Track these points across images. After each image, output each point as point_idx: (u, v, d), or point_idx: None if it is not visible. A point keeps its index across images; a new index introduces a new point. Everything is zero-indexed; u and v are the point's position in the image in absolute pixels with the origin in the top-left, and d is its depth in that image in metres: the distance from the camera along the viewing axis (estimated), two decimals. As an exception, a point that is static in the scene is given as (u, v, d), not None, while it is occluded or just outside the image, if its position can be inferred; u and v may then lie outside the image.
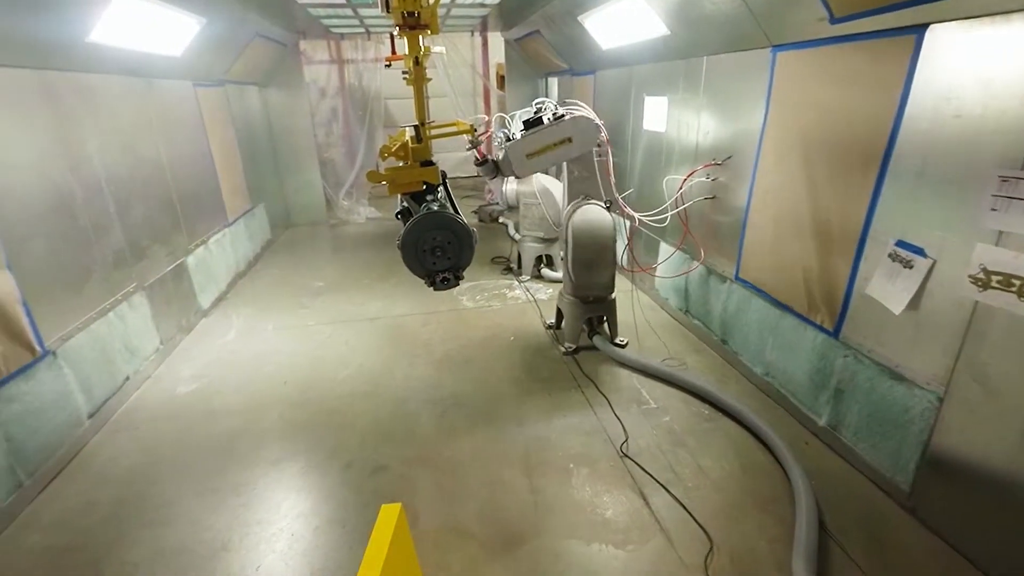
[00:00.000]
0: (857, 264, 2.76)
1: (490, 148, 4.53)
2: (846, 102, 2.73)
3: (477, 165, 3.85)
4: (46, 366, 3.07)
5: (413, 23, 2.86)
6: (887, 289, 2.56)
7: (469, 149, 3.94)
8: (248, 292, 5.87)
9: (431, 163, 3.12)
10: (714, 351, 4.20)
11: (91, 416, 3.41)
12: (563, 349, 4.28)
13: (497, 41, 9.57)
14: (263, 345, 4.61)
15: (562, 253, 4.37)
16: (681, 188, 4.16)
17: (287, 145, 8.34)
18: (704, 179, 4.06)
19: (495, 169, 3.92)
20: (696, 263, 4.29)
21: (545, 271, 5.90)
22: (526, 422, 3.42)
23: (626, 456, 3.06)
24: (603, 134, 3.90)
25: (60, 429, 3.13)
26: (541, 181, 5.56)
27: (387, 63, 6.54)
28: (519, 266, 6.14)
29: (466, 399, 3.69)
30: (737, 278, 3.83)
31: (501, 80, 10.29)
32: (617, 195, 4.12)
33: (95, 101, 3.74)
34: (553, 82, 8.63)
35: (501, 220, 8.30)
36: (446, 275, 2.97)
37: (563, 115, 3.81)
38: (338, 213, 9.07)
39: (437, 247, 2.89)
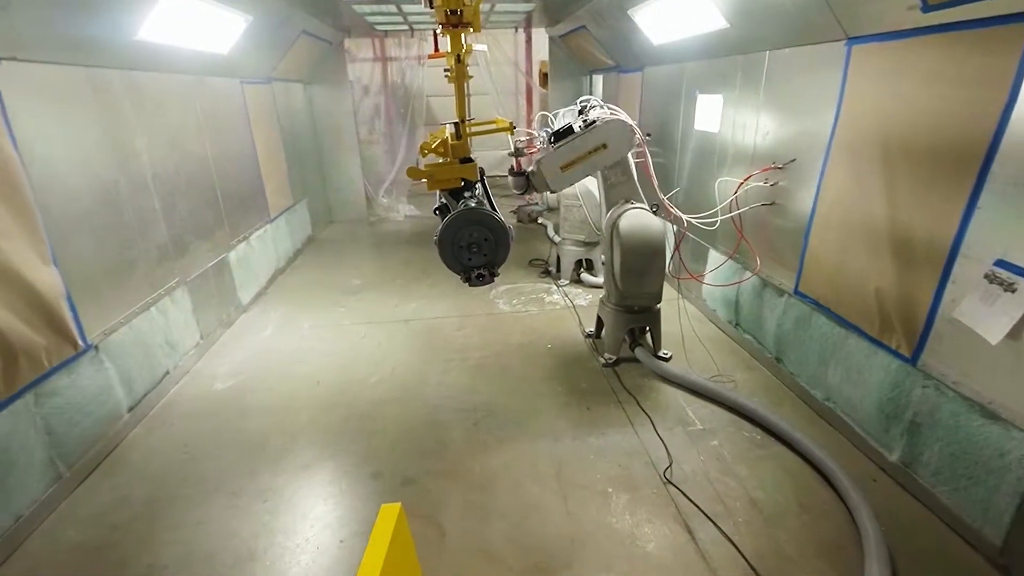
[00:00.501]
0: (944, 284, 2.44)
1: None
2: (937, 102, 2.41)
3: (512, 175, 3.65)
4: (88, 360, 3.10)
5: (456, 21, 2.87)
6: (982, 314, 2.24)
7: (511, 155, 3.87)
8: (287, 288, 5.91)
9: (470, 160, 3.12)
10: (767, 369, 3.90)
11: (131, 410, 3.45)
12: (603, 360, 4.08)
13: (541, 38, 9.38)
14: (298, 343, 4.60)
15: (603, 258, 4.16)
16: (736, 192, 3.88)
17: (330, 142, 8.42)
18: (762, 183, 3.76)
19: (527, 184, 3.72)
20: (750, 273, 4.00)
21: (585, 276, 5.69)
22: (562, 437, 3.24)
23: (670, 483, 2.84)
24: (638, 135, 3.67)
25: (100, 423, 3.16)
26: (583, 182, 5.34)
27: (429, 59, 6.45)
28: (558, 269, 5.95)
29: (500, 410, 3.54)
30: (796, 292, 3.52)
31: (544, 78, 10.09)
32: (662, 196, 3.87)
33: (143, 98, 3.78)
34: (598, 80, 8.36)
35: (540, 221, 8.12)
36: (481, 272, 2.95)
37: (594, 121, 3.60)
38: (377, 210, 9.11)
39: (473, 243, 2.88)
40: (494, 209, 3.00)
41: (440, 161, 3.13)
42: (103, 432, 3.19)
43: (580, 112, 4.03)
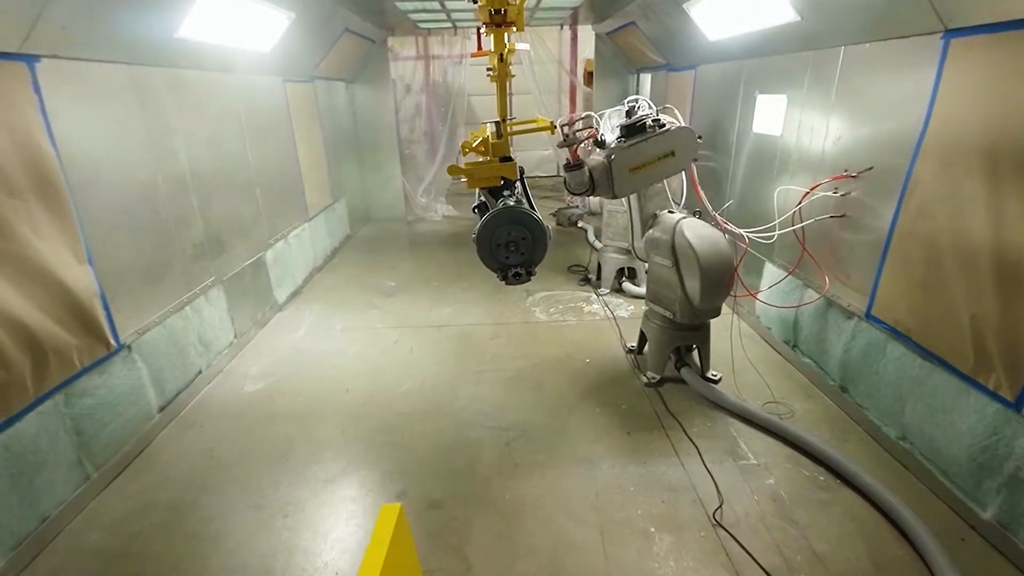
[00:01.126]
0: (1062, 319, 2.07)
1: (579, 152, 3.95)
2: (1062, 103, 2.05)
3: (568, 170, 3.29)
4: (120, 360, 3.08)
5: (500, 20, 2.89)
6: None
7: (562, 146, 3.45)
8: (322, 288, 5.88)
9: (510, 159, 3.11)
10: (829, 398, 3.53)
11: (162, 410, 3.42)
12: (645, 379, 3.80)
13: (586, 36, 9.10)
14: (330, 344, 4.53)
15: (646, 268, 3.88)
16: (801, 202, 3.53)
17: (370, 141, 8.41)
18: (831, 193, 3.40)
19: (589, 183, 3.31)
20: (815, 293, 3.63)
21: (627, 285, 5.40)
22: (600, 465, 3.00)
23: (720, 525, 2.56)
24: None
25: (130, 423, 3.14)
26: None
27: (471, 57, 6.31)
28: (598, 277, 5.68)
29: (534, 430, 3.33)
30: (869, 316, 3.16)
31: (589, 77, 9.80)
32: (713, 211, 3.57)
33: (183, 96, 3.76)
34: (646, 79, 8.01)
35: (580, 225, 7.86)
36: (518, 270, 2.94)
37: (664, 123, 3.33)
38: (415, 210, 9.05)
39: (511, 242, 2.88)
40: (532, 208, 2.99)
41: (480, 160, 3.15)
42: (133, 432, 3.16)
43: (628, 114, 3.71)
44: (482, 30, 3.27)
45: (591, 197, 5.20)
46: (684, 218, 3.49)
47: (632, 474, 2.92)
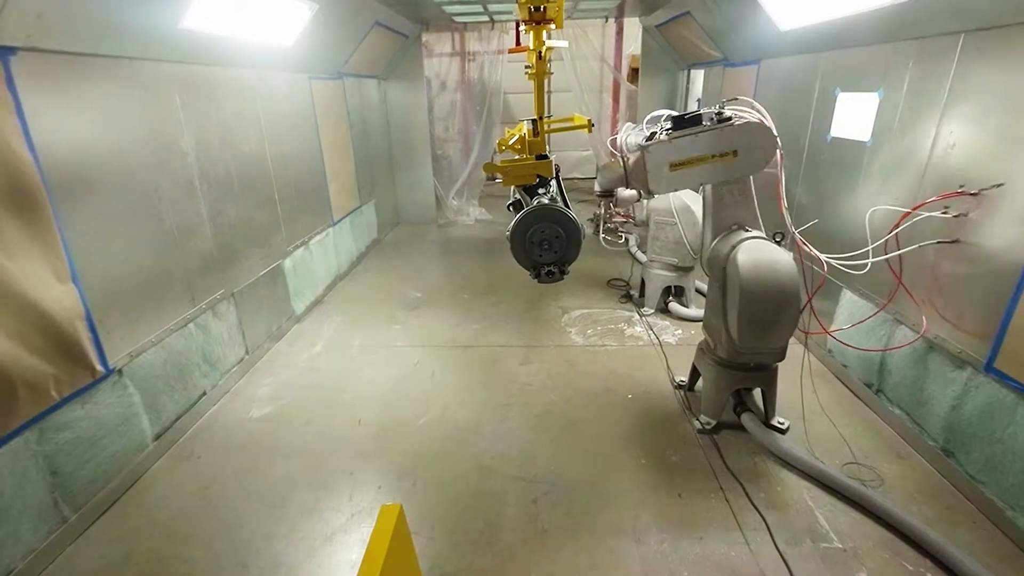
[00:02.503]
0: None
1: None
2: None
3: (603, 170, 3.03)
4: (109, 386, 2.78)
5: (539, 18, 2.91)
6: None
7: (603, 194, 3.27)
8: (344, 297, 5.56)
9: (546, 157, 3.11)
10: (927, 461, 2.92)
11: (157, 438, 3.12)
12: (699, 424, 3.27)
13: (631, 30, 8.51)
14: (346, 364, 4.17)
15: (699, 287, 3.35)
16: (899, 225, 2.91)
17: (402, 141, 8.08)
18: (939, 213, 2.78)
19: (622, 178, 2.99)
20: (912, 334, 3.02)
21: (674, 305, 4.84)
22: (646, 537, 2.50)
23: (801, 638, 2.03)
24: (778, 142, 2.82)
25: (118, 457, 2.83)
26: (681, 196, 4.51)
27: (509, 52, 5.87)
28: (641, 295, 5.15)
29: (567, 483, 2.86)
30: (990, 368, 2.53)
31: (633, 74, 9.20)
32: (793, 228, 2.99)
33: (193, 94, 3.46)
34: (697, 75, 7.38)
35: (620, 233, 7.30)
36: (551, 268, 2.92)
37: (729, 118, 2.79)
38: (447, 213, 8.68)
39: (545, 240, 2.85)
40: (567, 206, 2.94)
41: (516, 157, 3.18)
42: (121, 466, 2.86)
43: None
44: (521, 26, 3.26)
45: (635, 200, 4.63)
46: (752, 238, 2.94)
47: (685, 553, 2.41)
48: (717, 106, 2.91)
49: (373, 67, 6.96)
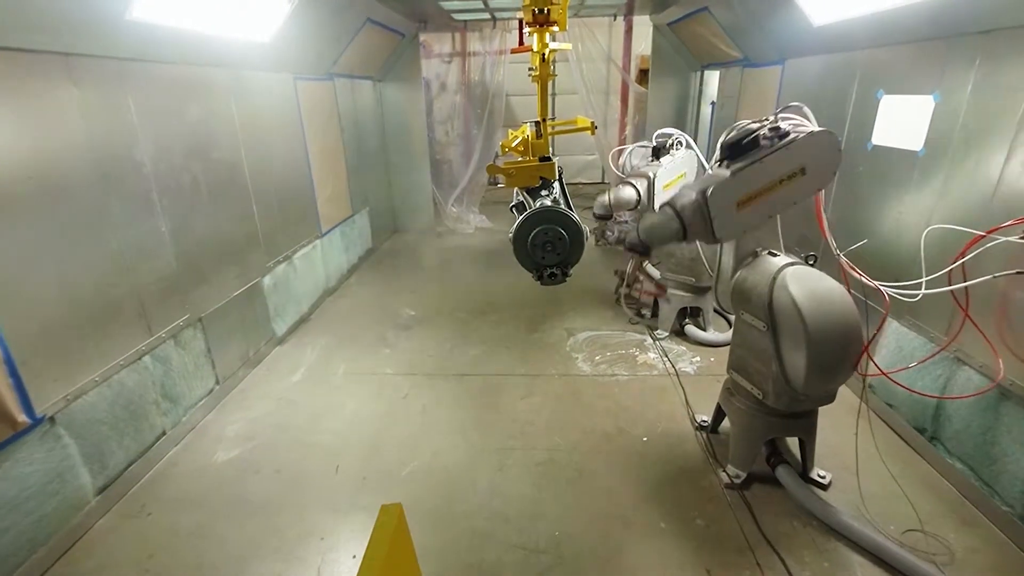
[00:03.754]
0: None
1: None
2: None
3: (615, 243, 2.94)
4: (36, 439, 2.37)
5: (542, 20, 2.90)
6: None
7: (598, 217, 3.54)
8: (332, 315, 5.15)
9: (549, 159, 3.13)
10: (1000, 530, 2.47)
11: (101, 491, 2.71)
12: (726, 477, 2.83)
13: (641, 29, 8.09)
14: (327, 397, 3.75)
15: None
16: (966, 252, 2.47)
17: (399, 145, 7.68)
18: (1017, 239, 2.34)
19: (679, 233, 2.45)
20: (978, 375, 2.58)
21: (690, 328, 4.40)
22: (670, 632, 2.07)
23: None
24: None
25: (48, 520, 2.42)
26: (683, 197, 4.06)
27: (512, 53, 5.47)
28: (653, 314, 4.72)
29: (574, 555, 2.43)
30: (1089, 429, 2.09)
31: (642, 75, 8.78)
32: (836, 249, 2.55)
33: (150, 95, 3.05)
34: (712, 76, 6.96)
35: (630, 244, 6.86)
36: (554, 270, 2.90)
37: (787, 132, 2.36)
38: (446, 220, 8.27)
39: (548, 242, 2.83)
40: (570, 208, 2.94)
41: (519, 159, 3.19)
42: (52, 530, 2.45)
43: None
44: (525, 28, 3.23)
45: (634, 204, 4.16)
46: (790, 264, 2.51)
47: (720, 656, 1.98)
48: (767, 120, 2.47)
49: (367, 67, 6.56)
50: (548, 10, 2.91)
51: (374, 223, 7.06)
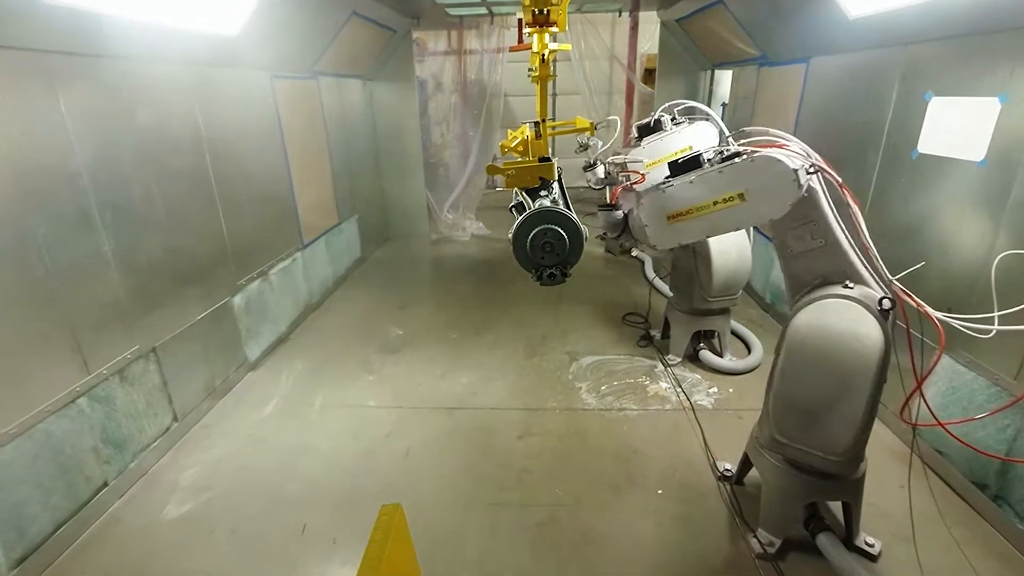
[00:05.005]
0: None
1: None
2: None
3: (603, 209, 2.85)
4: (-72, 511, 1.95)
5: (543, 20, 2.90)
6: None
7: (600, 186, 3.40)
8: (313, 335, 4.73)
9: (548, 159, 3.18)
10: (1094, 621, 2.06)
11: (19, 564, 2.29)
12: (757, 544, 2.41)
13: (648, 26, 7.67)
14: (301, 434, 3.33)
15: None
16: (1053, 284, 2.06)
17: (391, 148, 7.27)
18: (1119, 271, 1.92)
19: (623, 225, 2.76)
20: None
21: (705, 354, 3.97)
22: None
23: None
24: (804, 178, 1.98)
25: (-55, 607, 2.01)
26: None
27: (511, 51, 5.05)
28: (664, 335, 4.30)
29: (579, 652, 2.01)
30: None
31: (648, 75, 8.36)
32: (887, 274, 2.14)
33: (87, 95, 2.64)
34: (723, 76, 6.55)
35: (635, 254, 6.44)
36: (553, 271, 2.89)
37: (736, 154, 2.03)
38: (440, 227, 7.84)
39: (547, 243, 2.84)
40: (569, 208, 3.00)
41: (519, 159, 3.23)
42: (-48, 620, 2.03)
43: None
44: (524, 26, 3.15)
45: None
46: (829, 297, 2.11)
47: None
48: (729, 141, 2.17)
49: (355, 65, 6.14)
50: (548, 11, 2.87)
51: (364, 231, 6.64)
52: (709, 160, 2.19)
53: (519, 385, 3.82)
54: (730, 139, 2.26)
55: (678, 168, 2.26)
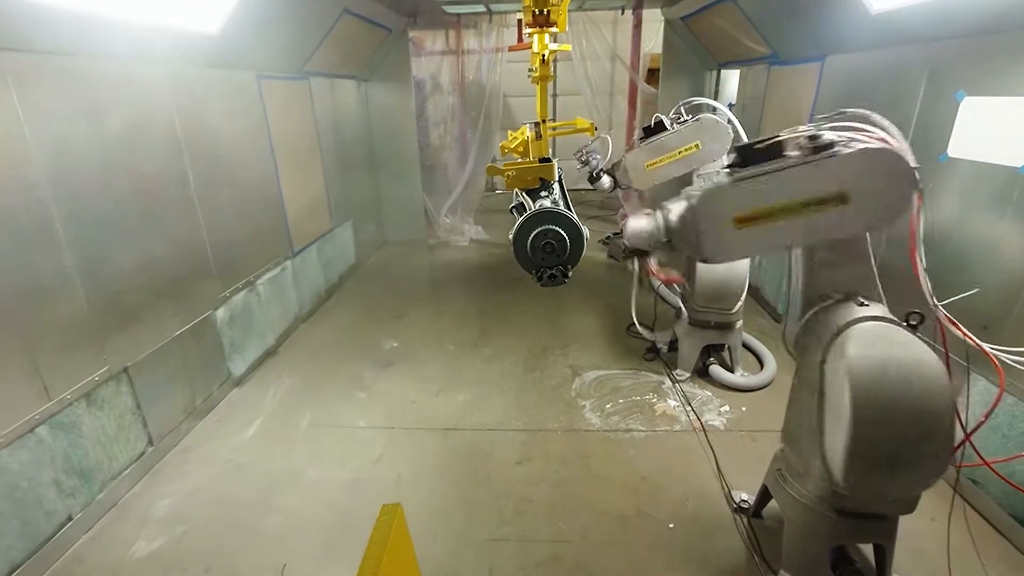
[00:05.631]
0: None
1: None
2: None
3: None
4: None
5: (543, 21, 2.95)
6: None
7: (593, 180, 3.55)
8: (303, 347, 4.51)
9: (548, 160, 3.18)
10: None
11: (-33, 615, 2.08)
12: (780, 591, 2.19)
13: (651, 24, 7.45)
14: (285, 459, 3.12)
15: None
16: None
17: (388, 150, 7.05)
18: None
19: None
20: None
21: (715, 369, 3.76)
22: None
23: None
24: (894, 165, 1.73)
25: None
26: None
27: (510, 50, 4.85)
28: (671, 348, 4.09)
29: None
30: None
31: (651, 75, 8.15)
32: (931, 298, 1.91)
33: (47, 97, 2.42)
34: (730, 76, 6.34)
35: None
36: (553, 272, 2.88)
37: (831, 143, 1.74)
38: (438, 232, 7.63)
39: (547, 243, 2.83)
40: (569, 208, 3.01)
41: (519, 160, 3.26)
42: None
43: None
44: (524, 26, 3.20)
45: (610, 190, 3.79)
46: (870, 320, 1.88)
47: None
48: (809, 126, 1.84)
49: (349, 66, 5.93)
50: (548, 11, 2.91)
51: (359, 236, 6.43)
52: (800, 147, 1.73)
53: (519, 403, 3.60)
54: (822, 121, 1.84)
55: (753, 155, 1.77)
